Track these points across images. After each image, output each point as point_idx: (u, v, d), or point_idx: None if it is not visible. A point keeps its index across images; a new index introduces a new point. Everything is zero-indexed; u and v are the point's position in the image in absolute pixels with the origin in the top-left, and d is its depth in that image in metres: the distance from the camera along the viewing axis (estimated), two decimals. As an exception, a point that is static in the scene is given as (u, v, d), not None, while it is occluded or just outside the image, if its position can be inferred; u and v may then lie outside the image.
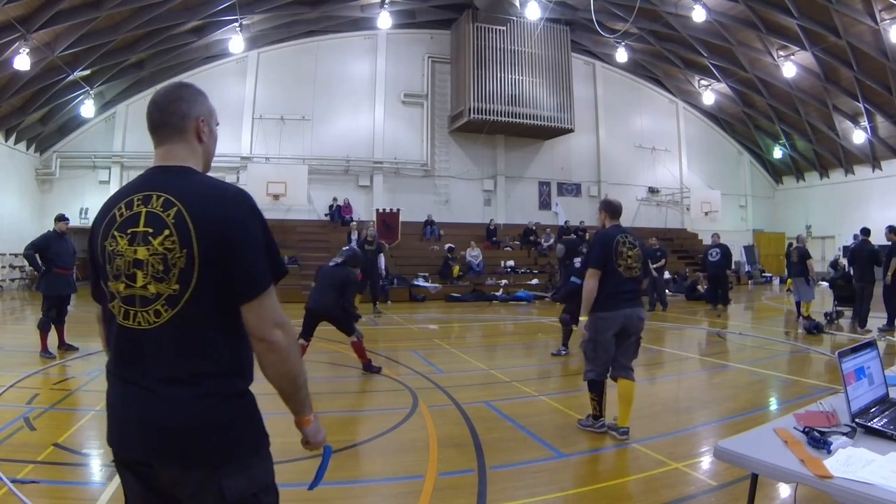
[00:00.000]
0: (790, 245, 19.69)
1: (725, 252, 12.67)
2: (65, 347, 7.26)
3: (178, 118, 1.50)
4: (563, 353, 7.71)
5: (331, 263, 6.60)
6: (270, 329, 1.37)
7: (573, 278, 6.53)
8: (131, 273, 1.37)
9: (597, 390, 4.29)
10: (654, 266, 12.33)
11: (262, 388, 1.49)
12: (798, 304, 10.71)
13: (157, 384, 1.36)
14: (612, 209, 4.46)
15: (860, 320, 9.63)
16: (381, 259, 12.21)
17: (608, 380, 4.30)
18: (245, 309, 1.37)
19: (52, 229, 7.40)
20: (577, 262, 7.45)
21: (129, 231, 1.39)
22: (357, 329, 6.46)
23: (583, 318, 4.27)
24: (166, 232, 1.35)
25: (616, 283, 4.18)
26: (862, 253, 9.66)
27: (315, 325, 6.34)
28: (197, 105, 1.53)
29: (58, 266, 7.16)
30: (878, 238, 9.93)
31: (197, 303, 1.35)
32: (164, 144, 1.51)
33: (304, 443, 1.56)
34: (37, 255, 7.16)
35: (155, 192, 1.40)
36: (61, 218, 7.44)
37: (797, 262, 10.79)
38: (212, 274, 1.35)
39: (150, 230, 1.36)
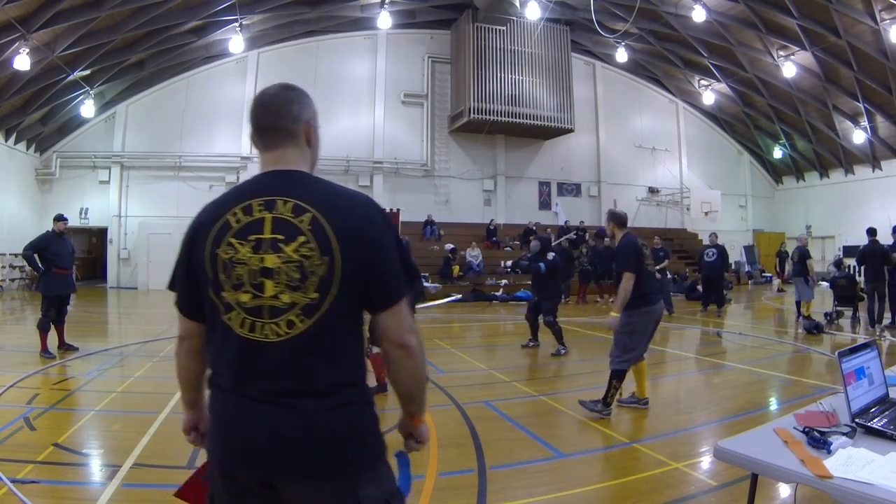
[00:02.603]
0: (782, 245, 19.79)
1: (722, 252, 12.67)
2: (65, 347, 7.26)
3: (290, 121, 1.44)
4: (563, 352, 7.75)
5: None
6: (408, 334, 1.37)
7: (540, 263, 7.55)
8: (258, 282, 1.30)
9: (620, 379, 4.67)
10: (658, 267, 12.19)
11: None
12: (798, 304, 10.71)
13: (291, 398, 1.30)
14: (620, 220, 4.93)
15: (871, 319, 9.64)
16: None
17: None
18: (384, 316, 1.35)
19: (50, 229, 7.39)
20: (551, 256, 7.96)
21: (251, 238, 1.32)
22: None
23: (616, 314, 4.67)
24: (301, 238, 1.30)
25: (649, 282, 4.80)
26: (873, 253, 9.65)
27: None
28: (306, 107, 1.48)
29: (57, 266, 7.15)
30: (882, 238, 9.95)
31: (335, 311, 1.31)
32: (275, 149, 1.44)
33: (413, 443, 1.53)
34: (36, 256, 7.15)
35: (279, 197, 1.34)
36: (60, 218, 7.43)
37: (797, 262, 10.79)
38: (351, 282, 1.31)
39: (281, 237, 1.30)
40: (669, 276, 18.59)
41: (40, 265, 7.15)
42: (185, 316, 1.47)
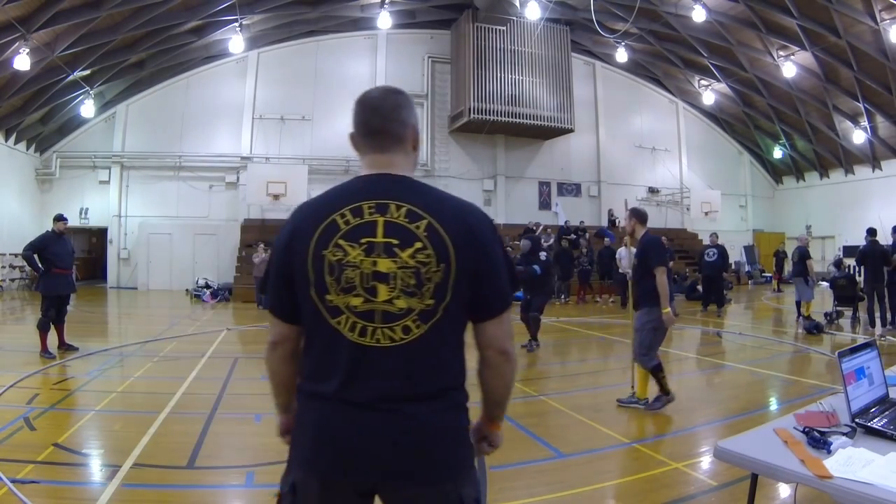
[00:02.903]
0: (780, 245, 19.76)
1: (722, 252, 12.67)
2: (65, 347, 7.26)
3: (400, 126, 1.43)
4: (535, 347, 7.92)
5: None
6: (509, 341, 1.41)
7: (535, 266, 7.70)
8: (371, 286, 1.30)
9: (660, 369, 4.88)
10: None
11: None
12: (798, 304, 10.71)
13: (404, 403, 1.30)
14: (642, 217, 5.12)
15: (871, 320, 9.64)
16: None
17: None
18: (491, 324, 1.38)
19: (50, 229, 7.38)
20: (543, 255, 8.13)
21: (362, 240, 1.31)
22: None
23: (667, 310, 4.79)
24: (418, 244, 1.30)
25: (670, 276, 5.20)
26: (873, 254, 9.64)
27: None
28: (412, 113, 1.47)
29: (57, 266, 7.14)
30: (881, 238, 9.94)
31: (447, 318, 1.32)
32: (384, 152, 1.42)
33: (487, 446, 1.56)
34: (35, 256, 7.15)
35: (392, 202, 1.33)
36: (60, 218, 7.43)
37: (797, 262, 10.79)
38: (464, 289, 1.32)
39: (395, 241, 1.30)
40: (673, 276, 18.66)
41: (40, 265, 7.15)
42: (280, 320, 1.43)
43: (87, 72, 15.56)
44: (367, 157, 1.43)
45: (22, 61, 12.83)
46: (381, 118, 1.42)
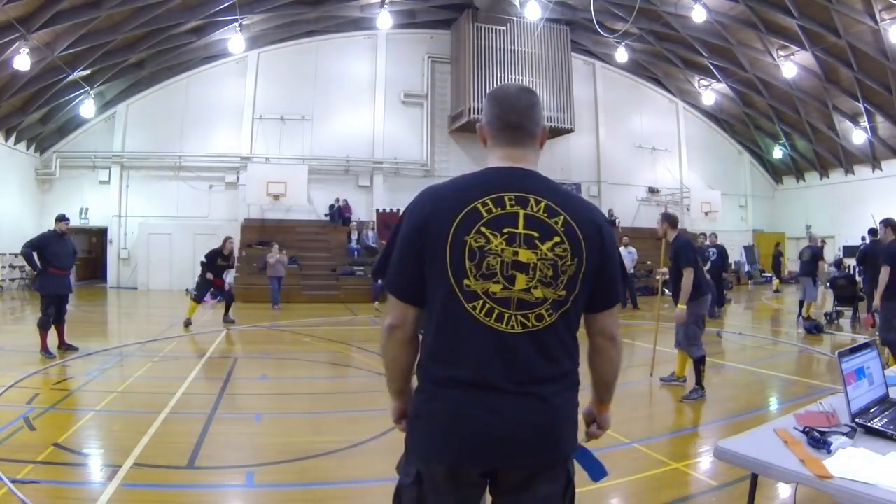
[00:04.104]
0: (778, 245, 19.74)
1: (722, 253, 12.65)
2: (65, 347, 7.26)
3: (535, 124, 1.50)
4: None
5: None
6: (618, 330, 1.54)
7: None
8: (510, 275, 1.36)
9: (702, 362, 5.39)
10: (705, 268, 11.77)
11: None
12: (801, 303, 10.70)
13: (536, 385, 1.38)
14: (674, 221, 5.81)
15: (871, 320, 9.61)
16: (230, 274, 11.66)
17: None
18: (604, 314, 1.50)
19: (51, 229, 7.37)
20: None
21: (505, 230, 1.36)
22: None
23: (683, 306, 5.36)
24: (557, 239, 1.38)
25: (701, 274, 5.61)
26: (873, 254, 9.62)
27: None
28: (541, 111, 1.55)
29: (54, 266, 7.12)
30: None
31: (575, 308, 1.42)
32: (518, 147, 1.48)
33: (596, 429, 1.66)
34: (34, 254, 7.13)
35: (531, 195, 1.40)
36: (62, 218, 7.41)
37: (808, 262, 10.79)
38: (589, 282, 1.43)
39: (536, 234, 1.37)
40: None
41: (38, 264, 7.13)
42: (403, 301, 1.44)
43: (87, 72, 15.56)
44: (499, 149, 1.49)
45: (22, 61, 12.82)
46: (518, 114, 1.48)
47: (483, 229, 1.35)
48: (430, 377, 1.41)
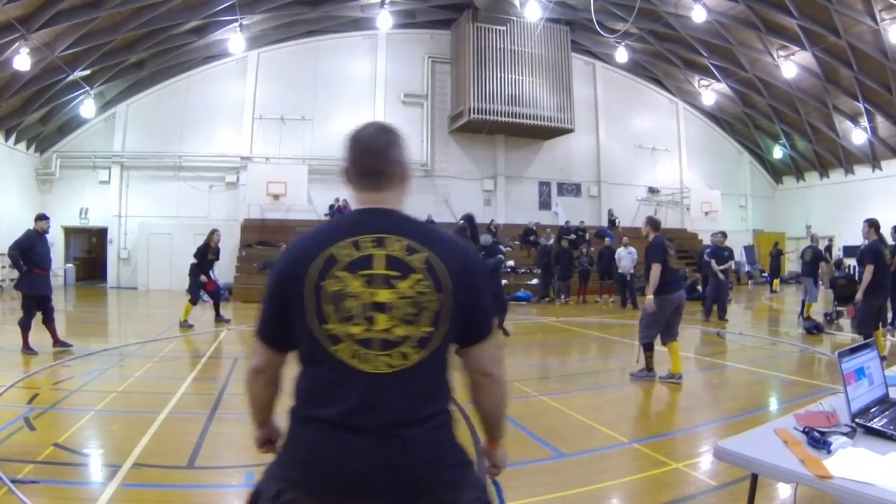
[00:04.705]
0: (776, 245, 19.75)
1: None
2: (60, 345, 7.24)
3: (397, 166, 1.52)
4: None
5: None
6: (495, 365, 1.49)
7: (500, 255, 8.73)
8: (370, 315, 1.36)
9: (651, 349, 6.05)
10: (722, 268, 11.37)
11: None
12: (804, 303, 10.70)
13: (399, 428, 1.34)
14: (655, 224, 6.31)
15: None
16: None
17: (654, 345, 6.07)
18: (476, 349, 1.47)
19: (32, 228, 7.34)
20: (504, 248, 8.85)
21: (361, 273, 1.37)
22: None
23: (650, 297, 5.96)
24: (416, 276, 1.37)
25: (672, 274, 6.07)
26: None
27: None
28: (404, 149, 1.55)
29: (38, 266, 7.12)
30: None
31: (443, 344, 1.40)
32: (377, 191, 1.49)
33: (493, 466, 1.64)
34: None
35: (390, 235, 1.41)
36: (42, 217, 7.41)
37: (809, 262, 10.80)
38: (458, 317, 1.41)
39: (395, 273, 1.37)
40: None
41: (23, 265, 7.11)
42: (270, 347, 1.48)
43: (87, 72, 15.55)
44: (361, 193, 1.51)
45: (22, 61, 12.82)
46: (379, 160, 1.50)
47: (339, 273, 1.37)
48: (297, 414, 1.41)
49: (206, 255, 10.45)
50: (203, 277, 10.38)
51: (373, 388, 1.34)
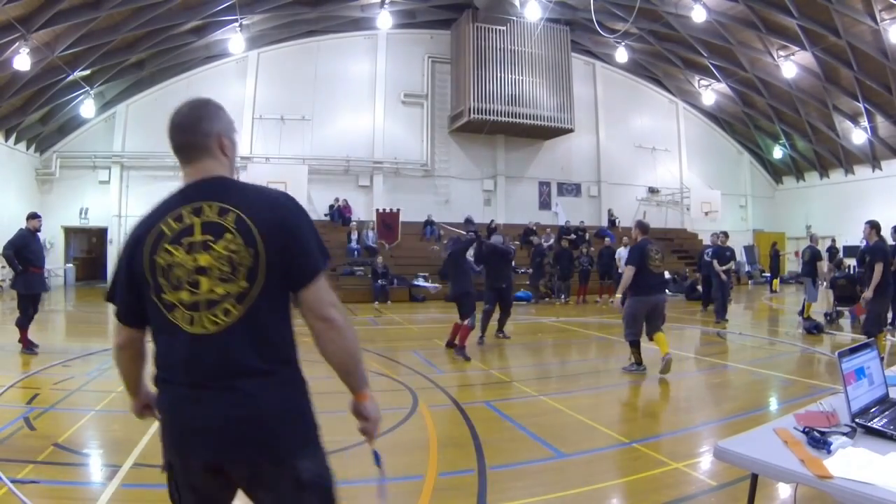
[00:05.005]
0: (774, 245, 19.75)
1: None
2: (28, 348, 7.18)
3: (203, 137, 1.56)
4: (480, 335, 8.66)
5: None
6: (328, 308, 1.48)
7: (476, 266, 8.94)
8: (194, 280, 1.44)
9: (636, 346, 6.33)
10: (724, 268, 11.27)
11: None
12: (804, 303, 10.71)
13: (234, 379, 1.42)
14: (644, 228, 6.56)
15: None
16: None
17: (641, 341, 6.35)
18: (304, 293, 1.47)
19: (25, 227, 7.33)
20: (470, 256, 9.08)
21: (184, 241, 1.45)
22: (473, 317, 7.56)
23: (618, 296, 6.57)
24: (228, 236, 1.44)
25: (649, 277, 6.21)
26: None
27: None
28: (217, 120, 1.60)
29: (33, 265, 7.11)
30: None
31: (265, 296, 1.44)
32: (194, 162, 1.56)
33: (362, 420, 1.62)
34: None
35: (205, 202, 1.47)
36: (34, 216, 7.41)
37: (807, 262, 10.81)
38: (276, 267, 1.44)
39: (210, 237, 1.44)
40: (669, 276, 18.61)
41: (19, 265, 7.10)
42: (126, 324, 1.60)
43: (87, 72, 15.56)
44: (183, 168, 1.58)
45: (22, 61, 12.82)
46: (183, 133, 1.57)
47: (167, 246, 1.46)
48: (156, 380, 1.54)
49: None
50: None
51: (204, 347, 1.42)
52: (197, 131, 1.56)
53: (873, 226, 7.10)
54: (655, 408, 5.45)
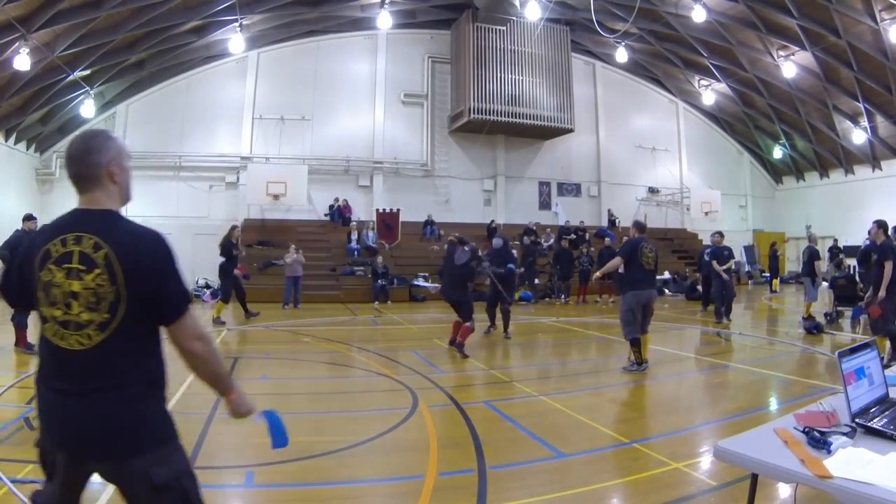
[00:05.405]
0: (773, 245, 19.75)
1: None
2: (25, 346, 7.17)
3: (93, 168, 1.71)
4: (492, 331, 9.26)
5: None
6: (192, 342, 1.72)
7: (510, 266, 9.35)
8: (68, 302, 1.64)
9: (637, 344, 6.38)
10: (724, 267, 11.16)
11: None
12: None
13: (93, 394, 1.63)
14: (640, 227, 6.76)
15: (858, 321, 9.62)
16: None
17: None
18: (171, 329, 1.71)
19: (20, 229, 7.34)
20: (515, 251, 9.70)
21: (64, 266, 1.64)
22: (472, 320, 7.72)
23: (597, 275, 7.44)
24: (97, 271, 1.62)
25: (641, 272, 6.40)
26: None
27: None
28: (105, 151, 1.73)
29: None
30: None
31: (123, 327, 1.65)
32: (85, 192, 1.73)
33: (233, 413, 1.91)
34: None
35: (85, 234, 1.66)
36: (30, 217, 7.44)
37: (806, 262, 10.82)
38: (136, 304, 1.65)
39: (83, 268, 1.63)
40: (668, 276, 18.63)
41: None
42: (10, 304, 1.91)
43: (87, 72, 15.55)
44: (79, 195, 1.76)
45: (22, 61, 12.81)
46: (76, 165, 1.74)
47: (51, 266, 1.65)
48: (37, 374, 1.75)
49: (233, 251, 10.90)
50: (236, 271, 10.93)
51: (70, 361, 1.64)
52: (87, 163, 1.72)
53: (881, 225, 7.07)
54: (655, 408, 5.45)
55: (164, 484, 1.66)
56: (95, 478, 1.77)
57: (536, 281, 16.26)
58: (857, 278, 11.00)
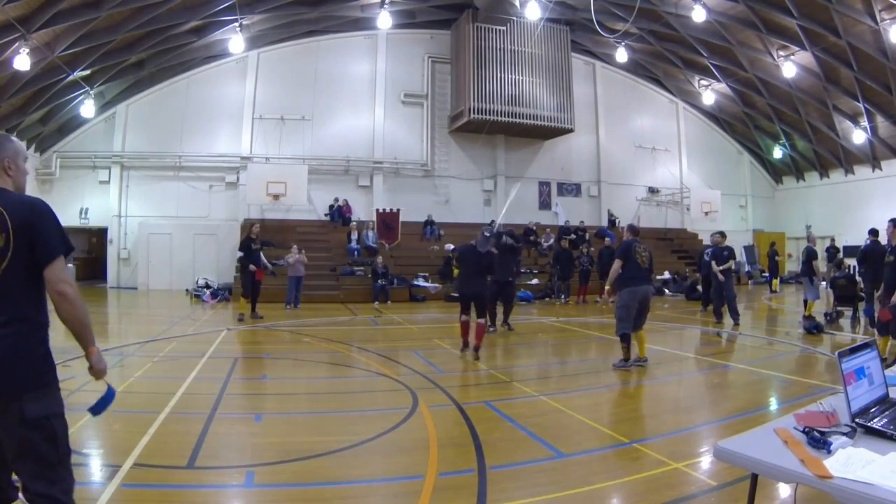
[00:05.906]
0: (772, 245, 19.77)
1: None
2: None
3: None
4: (492, 330, 9.29)
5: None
6: (62, 284, 2.06)
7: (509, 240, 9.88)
8: None
9: (627, 341, 6.54)
10: (722, 268, 11.00)
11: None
12: (806, 303, 10.71)
13: None
14: (633, 230, 7.10)
15: (871, 320, 9.60)
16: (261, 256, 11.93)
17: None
18: (45, 272, 2.06)
19: None
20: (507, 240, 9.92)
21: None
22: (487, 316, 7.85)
23: (608, 287, 7.09)
24: None
25: (636, 270, 6.64)
26: (874, 253, 9.61)
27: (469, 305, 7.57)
28: (2, 150, 2.18)
29: None
30: (882, 239, 9.91)
31: (10, 270, 2.01)
32: None
33: (90, 369, 2.20)
34: None
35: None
36: None
37: (806, 262, 10.82)
38: (22, 251, 2.03)
39: None
40: (668, 276, 18.62)
41: None
42: None
43: (87, 72, 15.55)
44: None
45: (22, 61, 12.81)
46: None
47: None
48: None
49: (251, 246, 11.16)
50: (252, 267, 11.11)
51: None
52: None
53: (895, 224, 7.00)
54: (655, 408, 5.45)
55: (34, 420, 1.93)
56: (96, 477, 1.76)
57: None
58: (858, 278, 10.99)
